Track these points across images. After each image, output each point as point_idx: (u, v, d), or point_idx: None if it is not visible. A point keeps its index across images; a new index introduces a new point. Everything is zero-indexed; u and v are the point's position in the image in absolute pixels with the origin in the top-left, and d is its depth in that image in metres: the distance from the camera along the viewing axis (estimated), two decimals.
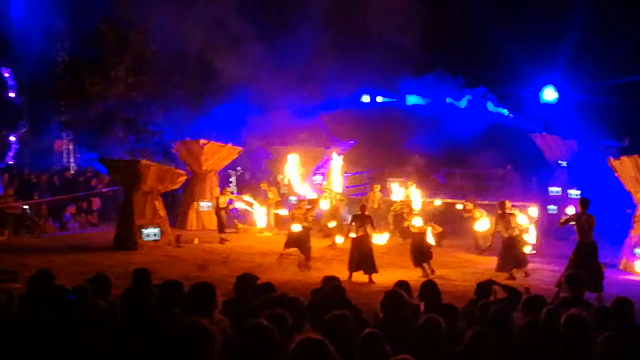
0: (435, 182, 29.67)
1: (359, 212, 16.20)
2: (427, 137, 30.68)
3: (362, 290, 12.85)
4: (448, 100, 36.45)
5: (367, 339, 5.18)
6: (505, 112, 36.17)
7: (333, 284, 7.57)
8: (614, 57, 29.27)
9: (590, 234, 13.86)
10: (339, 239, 19.56)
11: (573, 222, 14.21)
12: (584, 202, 14.09)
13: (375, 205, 21.31)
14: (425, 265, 15.86)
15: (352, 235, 15.80)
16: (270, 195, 22.96)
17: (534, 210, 17.96)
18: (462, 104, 36.14)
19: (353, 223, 15.97)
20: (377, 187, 22.41)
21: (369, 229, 15.58)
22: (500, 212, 16.48)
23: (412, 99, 37.01)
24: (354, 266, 15.37)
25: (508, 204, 16.74)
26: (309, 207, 17.55)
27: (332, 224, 20.15)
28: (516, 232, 16.26)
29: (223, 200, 21.14)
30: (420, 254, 15.99)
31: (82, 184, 25.68)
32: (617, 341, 5.10)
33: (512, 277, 15.37)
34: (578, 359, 5.21)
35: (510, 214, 16.42)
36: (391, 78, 35.02)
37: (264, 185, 23.81)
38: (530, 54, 30.95)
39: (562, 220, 15.16)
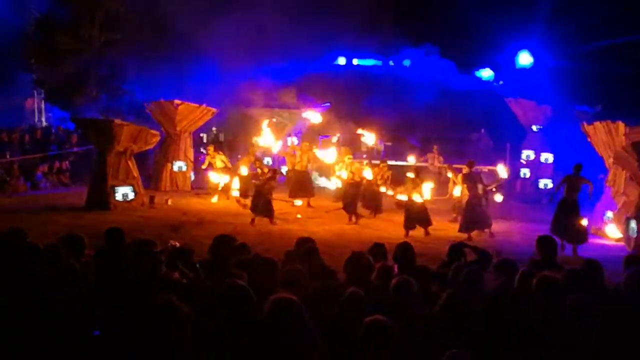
0: (410, 146, 29.78)
1: (413, 176, 17.03)
2: (402, 101, 30.67)
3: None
4: (406, 62, 36.41)
5: (349, 298, 5.25)
6: (488, 76, 36.21)
7: (307, 245, 7.58)
8: (589, 22, 29.29)
9: (575, 193, 15.22)
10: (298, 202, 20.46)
11: (565, 182, 15.42)
12: (578, 166, 15.41)
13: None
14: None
15: (402, 197, 17.39)
16: (218, 163, 21.81)
17: (502, 169, 18.04)
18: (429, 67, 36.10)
19: (406, 185, 17.10)
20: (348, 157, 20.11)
21: (419, 190, 16.75)
22: (467, 170, 16.73)
23: (369, 62, 37.13)
24: (412, 224, 16.55)
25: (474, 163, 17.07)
26: (269, 176, 17.88)
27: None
28: (480, 191, 16.58)
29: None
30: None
31: (53, 144, 25.41)
32: (585, 302, 5.18)
33: (470, 238, 15.64)
34: (549, 320, 5.27)
35: (477, 173, 16.76)
36: (369, 41, 34.82)
37: (210, 150, 22.37)
38: (506, 18, 30.89)
39: (557, 187, 16.06)
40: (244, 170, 19.77)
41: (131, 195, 19.32)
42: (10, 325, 4.58)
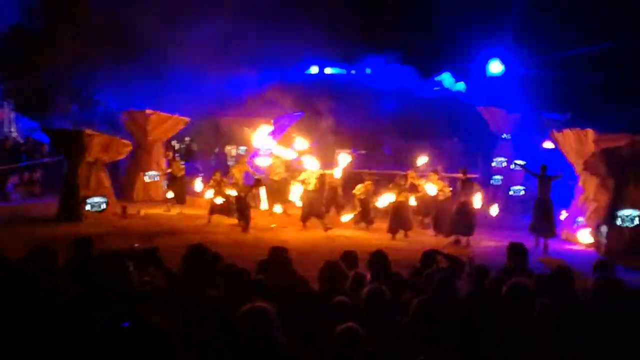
0: (383, 155, 29.91)
1: (464, 178, 17.25)
2: (376, 109, 30.77)
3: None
4: (368, 70, 36.55)
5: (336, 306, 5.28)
6: (462, 86, 36.38)
7: (279, 255, 7.59)
8: (558, 31, 29.63)
9: (548, 192, 16.47)
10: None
11: (535, 176, 16.85)
12: (544, 167, 16.71)
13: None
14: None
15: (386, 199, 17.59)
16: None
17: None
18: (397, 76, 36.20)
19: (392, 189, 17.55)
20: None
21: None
22: (463, 178, 17.20)
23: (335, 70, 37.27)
24: (396, 228, 17.34)
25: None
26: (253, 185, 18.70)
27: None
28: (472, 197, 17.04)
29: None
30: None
31: (24, 154, 25.16)
32: (553, 307, 5.23)
33: (457, 242, 16.39)
34: (518, 325, 5.32)
35: (471, 180, 17.35)
36: (340, 50, 34.86)
37: (169, 155, 22.66)
38: (477, 26, 31.13)
39: (521, 163, 18.17)
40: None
41: (103, 206, 19.18)
42: None
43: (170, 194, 21.32)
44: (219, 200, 18.53)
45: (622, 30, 28.10)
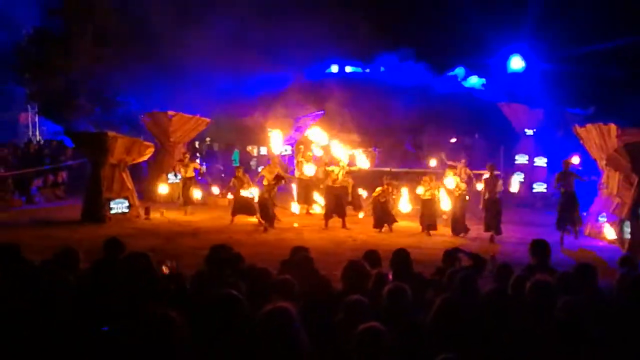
0: (405, 152, 29.85)
1: (490, 174, 17.23)
2: (397, 106, 30.69)
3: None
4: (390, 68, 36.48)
5: (350, 305, 5.29)
6: (478, 82, 36.18)
7: (301, 254, 7.59)
8: (579, 26, 29.40)
9: (572, 186, 16.78)
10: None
11: (561, 180, 16.92)
12: (566, 163, 17.18)
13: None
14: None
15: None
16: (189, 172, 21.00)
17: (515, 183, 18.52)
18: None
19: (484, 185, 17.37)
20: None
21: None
22: (490, 174, 17.22)
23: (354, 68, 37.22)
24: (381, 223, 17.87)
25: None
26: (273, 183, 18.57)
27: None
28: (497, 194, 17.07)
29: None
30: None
31: (47, 157, 25.39)
32: (575, 305, 5.19)
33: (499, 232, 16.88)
34: (541, 323, 5.29)
35: (497, 177, 17.40)
36: (356, 48, 34.83)
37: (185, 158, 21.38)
38: (497, 23, 30.96)
39: (555, 183, 17.33)
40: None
41: (126, 208, 19.31)
42: (4, 338, 4.60)
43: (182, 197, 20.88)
44: (246, 193, 18.47)
45: None
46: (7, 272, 6.61)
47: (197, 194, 21.12)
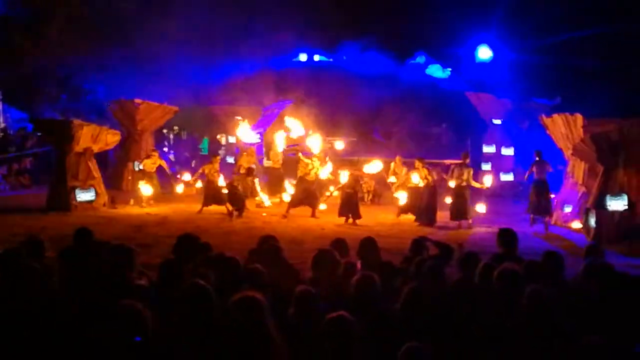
0: (373, 140, 29.90)
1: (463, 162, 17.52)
2: (364, 96, 30.68)
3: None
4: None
5: (300, 296, 5.26)
6: (442, 72, 36.26)
7: (270, 244, 7.57)
8: (546, 16, 29.61)
9: (544, 174, 17.52)
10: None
11: (533, 169, 17.66)
12: (538, 152, 17.78)
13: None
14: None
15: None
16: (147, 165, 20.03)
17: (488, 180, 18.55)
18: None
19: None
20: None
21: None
22: (462, 161, 17.55)
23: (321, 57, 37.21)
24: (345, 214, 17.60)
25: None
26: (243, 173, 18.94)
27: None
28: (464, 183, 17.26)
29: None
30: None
31: (12, 144, 25.03)
32: (541, 293, 5.24)
33: (459, 227, 17.04)
34: (509, 312, 5.34)
35: (469, 165, 17.61)
36: (328, 37, 34.72)
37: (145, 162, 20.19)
38: (465, 13, 31.04)
39: (528, 172, 18.02)
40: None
41: (92, 196, 19.11)
42: None
43: (144, 190, 19.74)
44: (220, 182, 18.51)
45: (610, 15, 28.12)
46: None
47: (146, 190, 19.78)
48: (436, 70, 36.08)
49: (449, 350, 4.95)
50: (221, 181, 18.51)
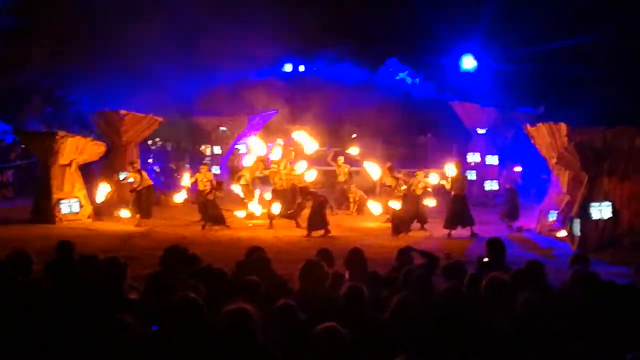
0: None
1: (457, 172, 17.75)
2: (351, 106, 30.73)
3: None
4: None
5: (280, 309, 5.26)
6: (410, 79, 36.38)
7: (258, 255, 7.56)
8: (531, 25, 29.78)
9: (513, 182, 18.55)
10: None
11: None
12: (509, 164, 19.35)
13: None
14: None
15: None
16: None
17: (450, 168, 18.23)
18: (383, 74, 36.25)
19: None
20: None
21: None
22: (457, 171, 17.89)
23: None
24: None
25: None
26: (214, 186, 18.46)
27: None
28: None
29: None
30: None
31: None
32: (535, 301, 5.27)
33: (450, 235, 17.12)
34: (498, 321, 5.36)
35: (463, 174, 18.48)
36: (309, 47, 34.76)
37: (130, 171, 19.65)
38: (449, 22, 31.18)
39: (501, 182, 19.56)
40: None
41: (77, 208, 19.00)
42: None
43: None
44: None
45: (594, 24, 28.33)
46: None
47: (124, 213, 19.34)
48: (406, 77, 36.23)
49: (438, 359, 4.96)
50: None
